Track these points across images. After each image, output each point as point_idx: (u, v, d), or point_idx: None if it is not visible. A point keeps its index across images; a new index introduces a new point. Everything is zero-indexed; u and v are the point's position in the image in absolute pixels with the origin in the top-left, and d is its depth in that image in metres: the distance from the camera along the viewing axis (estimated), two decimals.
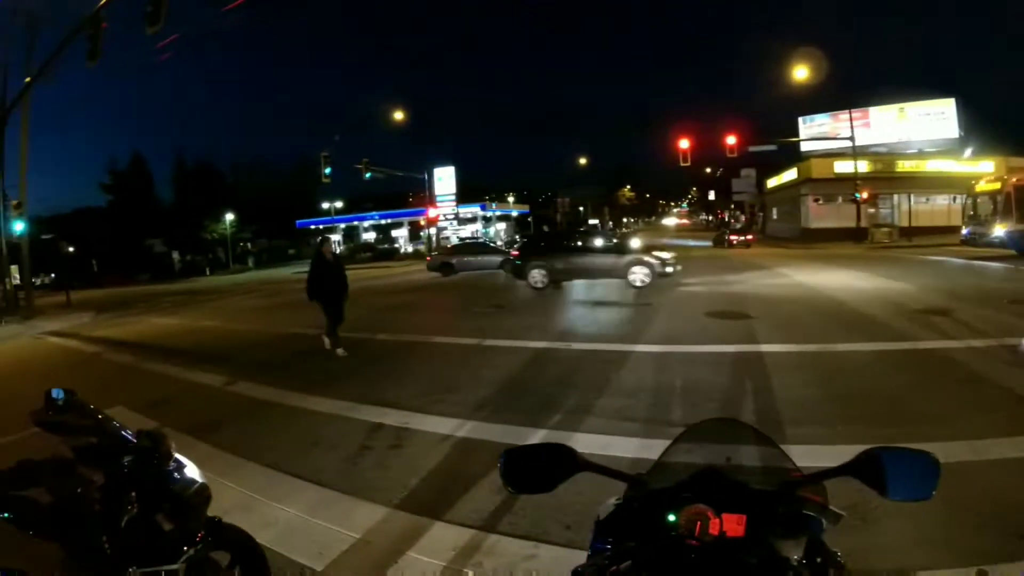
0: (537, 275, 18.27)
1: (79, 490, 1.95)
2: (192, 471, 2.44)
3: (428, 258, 31.14)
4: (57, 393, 2.22)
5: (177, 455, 2.45)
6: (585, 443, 5.16)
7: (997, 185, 23.35)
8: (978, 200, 24.60)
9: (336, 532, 3.88)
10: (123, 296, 30.98)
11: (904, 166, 42.15)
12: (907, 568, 3.18)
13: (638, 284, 16.87)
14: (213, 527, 2.43)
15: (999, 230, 22.14)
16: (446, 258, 28.88)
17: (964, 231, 25.25)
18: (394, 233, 69.84)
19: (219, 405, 7.30)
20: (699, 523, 1.31)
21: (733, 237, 41.73)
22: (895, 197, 41.87)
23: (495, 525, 3.88)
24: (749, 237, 42.45)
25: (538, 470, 1.56)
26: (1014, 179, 22.39)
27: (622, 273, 17.31)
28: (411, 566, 3.43)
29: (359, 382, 7.91)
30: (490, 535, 3.75)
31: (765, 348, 8.49)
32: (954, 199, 36.31)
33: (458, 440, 5.58)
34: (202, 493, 2.37)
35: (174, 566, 2.06)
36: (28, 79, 20.92)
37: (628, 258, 17.57)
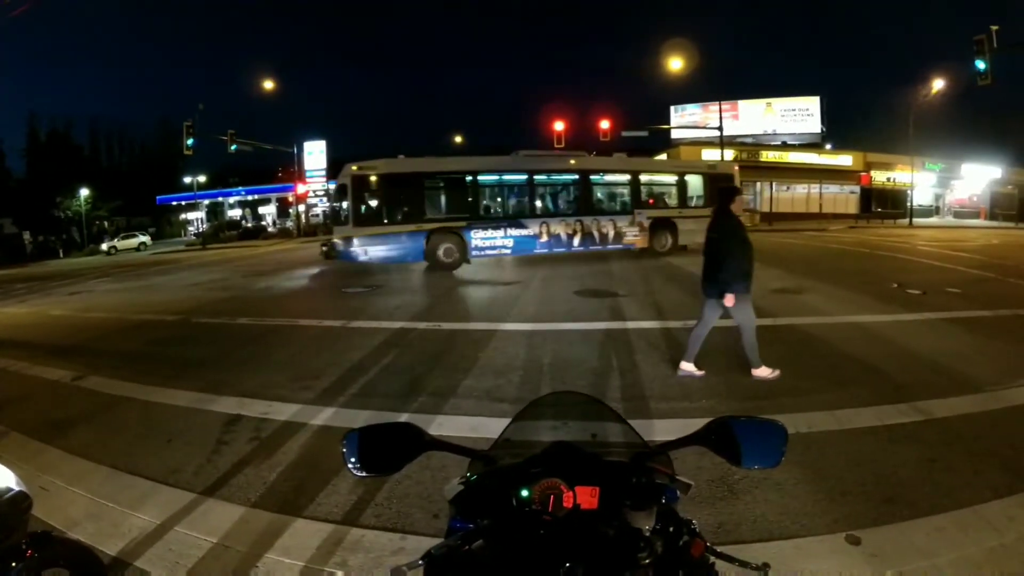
0: None
1: None
2: (6, 478, 2.17)
3: None
4: None
5: None
6: (455, 425, 5.24)
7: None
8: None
9: (192, 537, 3.64)
10: None
11: (768, 156, 45.27)
12: (778, 536, 3.35)
13: None
14: (41, 541, 2.19)
15: (338, 238, 17.94)
16: None
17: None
18: (261, 210, 65.96)
19: (68, 403, 6.65)
20: (552, 497, 1.30)
21: None
22: (758, 185, 44.96)
23: (359, 518, 3.78)
24: None
25: (385, 450, 1.51)
26: (354, 168, 17.69)
27: None
28: (272, 569, 3.27)
29: (218, 371, 7.52)
30: (354, 529, 3.64)
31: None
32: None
33: (320, 429, 5.40)
34: (19, 503, 2.13)
35: None
36: None
37: None
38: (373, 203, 17.91)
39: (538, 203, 19.44)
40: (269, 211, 65.29)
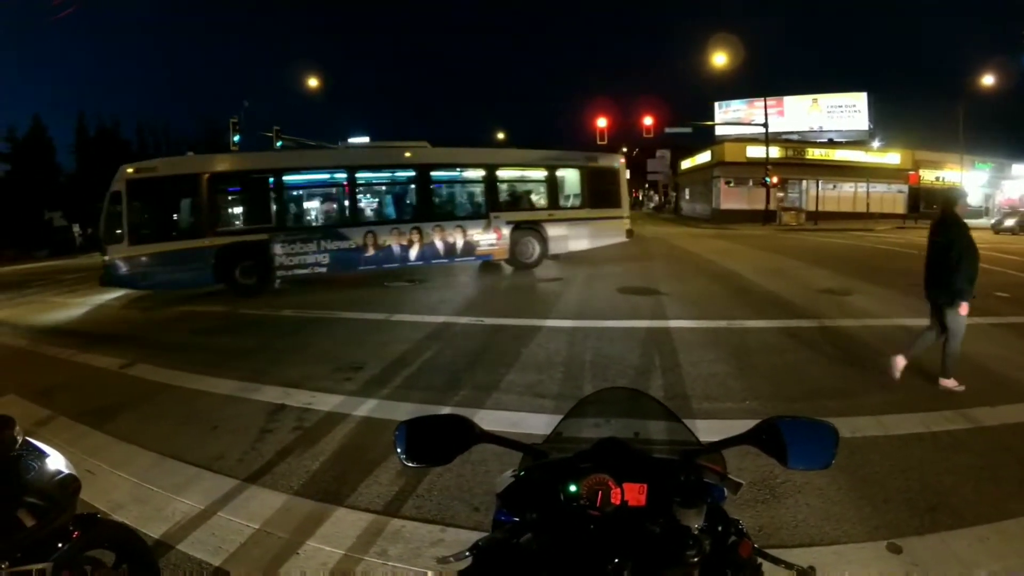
0: None
1: None
2: (56, 461, 2.24)
3: None
4: None
5: (39, 444, 2.25)
6: (496, 420, 5.22)
7: (144, 173, 14.17)
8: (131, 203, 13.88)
9: (235, 523, 3.75)
10: (19, 274, 28.98)
11: (814, 154, 44.21)
12: (818, 542, 3.31)
13: None
14: (87, 523, 2.26)
15: (113, 259, 13.66)
16: None
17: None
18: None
19: (116, 390, 6.88)
20: (600, 493, 1.30)
21: None
22: (803, 182, 43.95)
23: (399, 509, 3.84)
24: None
25: (435, 442, 1.53)
26: (129, 170, 14.09)
27: None
28: (312, 556, 3.35)
29: (262, 361, 7.70)
30: (394, 519, 3.70)
31: None
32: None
33: (362, 420, 5.50)
34: (67, 485, 2.19)
35: (41, 565, 1.91)
36: None
37: None
38: (153, 214, 14.65)
39: (363, 208, 15.99)
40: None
